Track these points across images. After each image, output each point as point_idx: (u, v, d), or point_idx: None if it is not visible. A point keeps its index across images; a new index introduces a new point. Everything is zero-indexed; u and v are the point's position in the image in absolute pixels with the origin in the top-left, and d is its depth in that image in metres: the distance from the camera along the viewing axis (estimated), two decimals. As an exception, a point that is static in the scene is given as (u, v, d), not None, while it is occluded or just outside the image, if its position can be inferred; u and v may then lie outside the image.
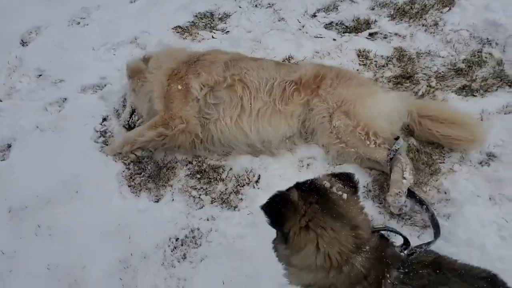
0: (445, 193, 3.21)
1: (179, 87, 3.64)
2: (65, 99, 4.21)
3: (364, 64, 4.33)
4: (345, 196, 1.94)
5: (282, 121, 3.55)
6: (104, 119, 4.02)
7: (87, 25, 5.11)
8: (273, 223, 1.99)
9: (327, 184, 1.97)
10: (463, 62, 4.23)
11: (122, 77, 4.29)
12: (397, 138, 3.31)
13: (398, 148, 3.23)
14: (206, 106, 3.66)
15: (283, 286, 2.73)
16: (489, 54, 4.25)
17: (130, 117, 3.91)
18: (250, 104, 3.56)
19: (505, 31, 4.31)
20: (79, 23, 5.16)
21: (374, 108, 3.40)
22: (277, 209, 1.93)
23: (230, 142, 3.62)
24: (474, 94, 3.91)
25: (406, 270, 1.80)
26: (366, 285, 1.81)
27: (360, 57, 4.40)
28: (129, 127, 3.91)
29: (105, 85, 4.28)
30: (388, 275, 1.80)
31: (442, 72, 4.17)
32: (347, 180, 2.04)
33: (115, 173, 3.57)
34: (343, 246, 1.82)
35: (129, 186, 3.49)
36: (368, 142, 3.32)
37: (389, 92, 3.75)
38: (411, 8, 4.92)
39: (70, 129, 3.89)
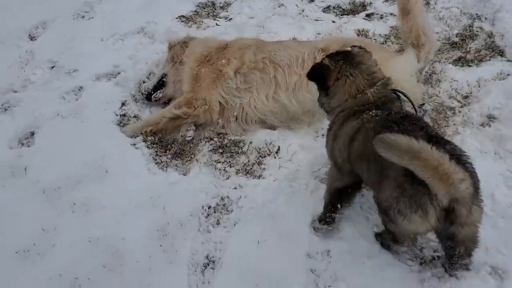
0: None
1: (209, 71, 3.87)
2: (81, 87, 4.34)
3: (364, 43, 4.59)
4: (361, 52, 2.80)
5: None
6: (123, 104, 4.17)
7: (92, 18, 5.25)
8: (318, 84, 2.84)
9: (349, 48, 2.86)
10: (456, 36, 4.54)
11: (134, 64, 4.47)
12: (422, 105, 3.56)
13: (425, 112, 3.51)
14: (238, 90, 3.88)
15: (313, 242, 3.01)
16: (480, 28, 4.57)
17: (153, 89, 4.15)
18: (286, 80, 3.78)
19: (492, 6, 4.65)
20: (83, 16, 5.30)
21: (402, 69, 3.63)
22: (318, 73, 2.79)
23: (266, 117, 3.85)
24: (470, 64, 4.21)
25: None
26: (371, 105, 2.61)
27: (360, 36, 4.66)
28: (147, 98, 4.15)
29: (118, 73, 4.43)
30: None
31: (438, 46, 4.46)
32: (361, 47, 2.87)
33: (140, 152, 3.73)
34: (359, 85, 2.68)
35: (156, 163, 3.66)
36: None
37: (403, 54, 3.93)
38: (403, -11, 5.20)
39: (91, 115, 4.03)
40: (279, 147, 3.68)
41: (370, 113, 2.56)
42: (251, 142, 3.77)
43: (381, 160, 2.23)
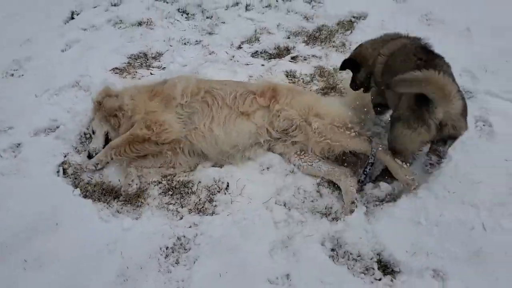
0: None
1: (159, 100, 4.12)
2: (19, 144, 4.25)
3: (293, 82, 4.98)
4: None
5: (247, 122, 4.06)
6: (65, 156, 4.15)
7: (22, 75, 5.21)
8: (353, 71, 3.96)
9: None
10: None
11: (73, 117, 4.47)
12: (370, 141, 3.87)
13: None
14: (184, 114, 4.09)
15: (272, 268, 3.17)
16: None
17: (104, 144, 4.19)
18: (218, 113, 4.04)
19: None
20: (12, 74, 5.24)
21: (334, 105, 4.05)
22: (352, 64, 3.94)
23: (205, 150, 4.05)
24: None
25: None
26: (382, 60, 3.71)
27: (289, 76, 5.06)
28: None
29: (57, 127, 4.40)
30: None
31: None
32: None
33: (89, 202, 3.72)
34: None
35: (107, 210, 3.67)
36: (349, 132, 3.86)
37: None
38: (320, 34, 5.74)
39: (33, 169, 3.96)
40: (228, 183, 3.85)
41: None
42: (199, 182, 3.91)
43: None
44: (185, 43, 5.71)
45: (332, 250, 3.34)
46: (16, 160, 4.09)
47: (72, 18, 6.21)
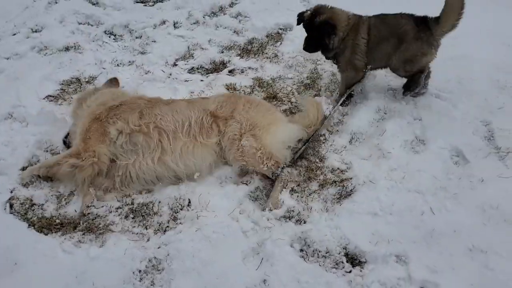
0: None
1: (98, 127, 4.01)
2: (-42, 184, 3.96)
3: (234, 95, 5.10)
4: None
5: (206, 151, 4.09)
6: (12, 191, 3.93)
7: None
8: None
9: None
10: (307, 79, 5.34)
11: (13, 150, 4.24)
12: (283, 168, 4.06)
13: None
14: (124, 151, 4.01)
15: (249, 276, 3.25)
16: (322, 69, 5.46)
17: (65, 137, 4.38)
18: (170, 145, 4.01)
19: (328, 51, 5.59)
20: None
21: (276, 136, 4.16)
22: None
23: (154, 179, 4.01)
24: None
25: None
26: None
27: (230, 89, 5.17)
28: (64, 142, 4.39)
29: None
30: None
31: (296, 89, 5.19)
32: None
33: (48, 237, 3.56)
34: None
35: (68, 241, 3.54)
36: (262, 165, 4.00)
37: (288, 122, 4.45)
38: (252, 47, 5.94)
39: (-23, 210, 3.71)
40: (189, 199, 3.87)
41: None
42: (160, 202, 3.89)
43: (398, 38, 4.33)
44: (118, 65, 5.62)
45: (301, 250, 3.49)
46: (-43, 201, 3.80)
47: (-9, 47, 5.85)
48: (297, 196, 3.95)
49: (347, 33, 4.42)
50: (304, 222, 3.71)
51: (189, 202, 3.87)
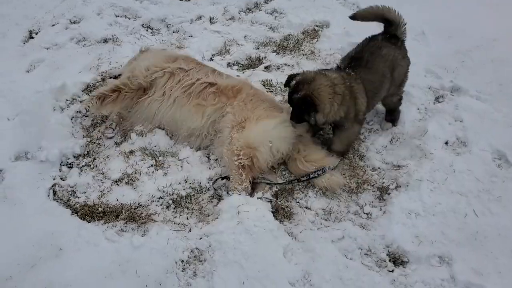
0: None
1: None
2: (0, 170, 4.04)
3: (271, 91, 5.10)
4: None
5: (192, 115, 4.28)
6: (54, 178, 4.00)
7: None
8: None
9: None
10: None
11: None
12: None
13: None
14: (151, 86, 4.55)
15: (291, 270, 3.26)
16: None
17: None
18: (171, 91, 4.41)
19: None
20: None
21: (262, 134, 3.98)
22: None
23: (152, 118, 4.47)
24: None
25: None
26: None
27: (266, 85, 5.16)
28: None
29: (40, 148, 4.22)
30: None
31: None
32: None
33: (92, 224, 3.62)
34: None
35: (111, 229, 3.58)
36: (236, 160, 3.90)
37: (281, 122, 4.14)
38: (288, 43, 5.92)
39: (22, 196, 3.77)
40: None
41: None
42: (201, 193, 3.92)
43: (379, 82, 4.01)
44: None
45: (343, 248, 3.48)
46: (1, 187, 3.87)
47: (31, 37, 5.92)
48: (335, 195, 3.93)
49: (341, 101, 3.79)
50: (344, 221, 3.70)
51: (229, 194, 3.88)
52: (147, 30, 6.22)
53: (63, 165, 4.17)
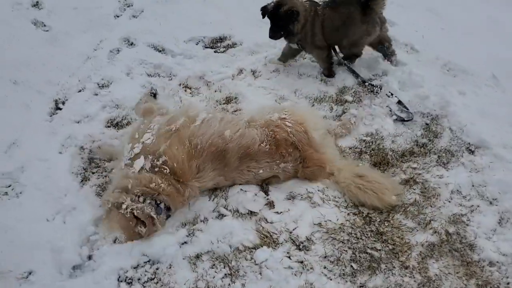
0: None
1: None
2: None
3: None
4: None
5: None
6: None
7: (21, 193, 4.20)
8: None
9: None
10: (422, 137, 4.69)
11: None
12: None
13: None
14: None
15: None
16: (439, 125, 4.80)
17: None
18: None
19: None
20: (6, 193, 4.21)
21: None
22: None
23: None
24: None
25: None
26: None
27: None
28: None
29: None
30: None
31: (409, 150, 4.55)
32: None
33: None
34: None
35: None
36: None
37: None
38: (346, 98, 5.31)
39: None
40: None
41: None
42: None
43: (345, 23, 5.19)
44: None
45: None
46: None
47: (58, 107, 5.25)
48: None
49: (306, 22, 5.22)
50: None
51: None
52: (185, 90, 5.58)
53: (121, 281, 3.49)
